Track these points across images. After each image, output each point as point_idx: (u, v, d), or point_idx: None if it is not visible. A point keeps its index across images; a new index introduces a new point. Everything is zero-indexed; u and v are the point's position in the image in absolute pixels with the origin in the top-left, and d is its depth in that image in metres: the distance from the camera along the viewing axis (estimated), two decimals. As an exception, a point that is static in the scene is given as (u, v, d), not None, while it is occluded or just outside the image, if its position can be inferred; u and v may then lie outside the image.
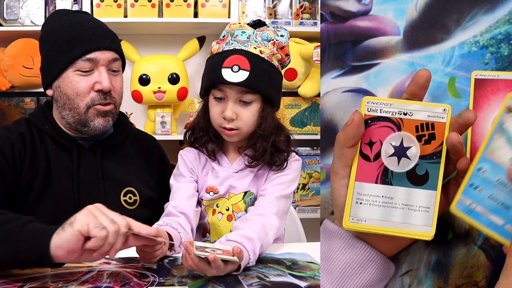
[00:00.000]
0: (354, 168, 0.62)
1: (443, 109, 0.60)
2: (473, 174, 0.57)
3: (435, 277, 0.69)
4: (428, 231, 0.59)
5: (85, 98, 1.27)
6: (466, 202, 0.57)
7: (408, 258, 0.69)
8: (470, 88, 0.67)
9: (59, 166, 1.30)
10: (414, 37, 0.69)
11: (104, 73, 1.27)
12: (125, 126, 1.44)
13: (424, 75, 0.60)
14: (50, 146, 1.31)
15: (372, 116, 0.61)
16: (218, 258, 0.95)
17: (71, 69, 1.26)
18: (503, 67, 0.67)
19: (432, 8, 0.68)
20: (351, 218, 0.61)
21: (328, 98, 0.71)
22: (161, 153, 1.49)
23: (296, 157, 1.33)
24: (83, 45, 1.26)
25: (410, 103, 0.60)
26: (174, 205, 1.24)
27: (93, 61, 1.26)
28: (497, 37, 0.67)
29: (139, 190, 1.35)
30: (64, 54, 1.26)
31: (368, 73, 0.70)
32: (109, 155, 1.36)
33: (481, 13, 0.67)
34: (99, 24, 1.34)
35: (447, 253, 0.69)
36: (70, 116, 1.29)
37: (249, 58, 1.21)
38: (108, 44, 1.29)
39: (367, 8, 0.70)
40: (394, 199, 0.60)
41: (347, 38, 0.70)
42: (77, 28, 1.28)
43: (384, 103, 0.61)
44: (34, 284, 0.95)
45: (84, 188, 1.29)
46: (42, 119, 1.34)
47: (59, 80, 1.28)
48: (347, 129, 0.61)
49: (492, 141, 0.57)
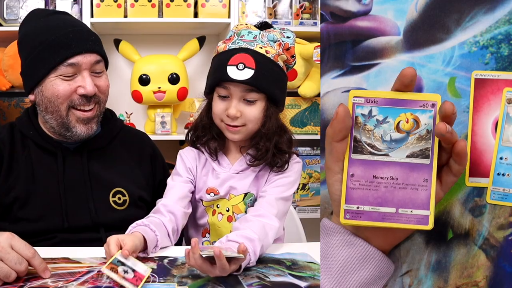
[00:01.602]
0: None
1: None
2: (496, 164, 0.62)
3: (435, 277, 0.69)
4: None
5: (65, 100, 1.25)
6: (499, 190, 0.63)
7: (408, 258, 0.69)
8: (470, 88, 0.67)
9: (44, 170, 1.29)
10: (414, 37, 0.69)
11: (88, 77, 1.25)
12: (113, 124, 1.41)
13: (409, 74, 0.61)
14: (34, 151, 1.29)
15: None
16: (223, 254, 0.95)
17: (52, 74, 1.23)
18: (503, 67, 0.67)
19: (432, 8, 0.68)
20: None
21: (328, 98, 0.71)
22: (153, 151, 1.47)
23: (297, 159, 1.33)
24: (63, 50, 1.22)
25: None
26: (164, 204, 1.24)
27: (75, 66, 1.23)
28: (497, 37, 0.67)
29: (128, 190, 1.34)
30: (45, 60, 1.23)
31: (368, 73, 0.70)
32: (96, 156, 1.34)
33: (481, 13, 0.67)
34: (79, 25, 1.31)
35: (447, 253, 0.69)
36: (53, 120, 1.27)
37: (255, 57, 1.21)
38: (90, 47, 1.26)
39: (367, 8, 0.70)
40: None
41: (347, 38, 0.70)
42: (56, 32, 1.24)
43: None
44: (34, 284, 0.95)
45: (70, 191, 1.29)
46: (26, 124, 1.32)
47: (41, 86, 1.25)
48: (334, 123, 0.61)
49: (504, 130, 0.62)
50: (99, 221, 1.29)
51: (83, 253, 1.14)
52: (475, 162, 0.67)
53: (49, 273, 0.96)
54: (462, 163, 0.60)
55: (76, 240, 1.26)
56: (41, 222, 1.25)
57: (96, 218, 1.29)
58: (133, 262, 0.98)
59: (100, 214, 1.30)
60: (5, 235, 0.95)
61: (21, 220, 1.25)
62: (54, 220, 1.26)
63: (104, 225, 1.30)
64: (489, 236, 0.67)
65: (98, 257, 1.12)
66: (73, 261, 1.09)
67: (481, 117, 0.67)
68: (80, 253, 1.14)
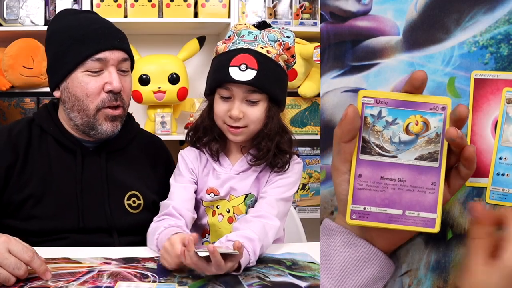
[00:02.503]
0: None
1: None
2: (496, 164, 0.62)
3: (435, 277, 0.69)
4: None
5: (95, 99, 1.24)
6: (499, 190, 0.62)
7: (407, 258, 0.69)
8: (470, 88, 0.67)
9: (62, 168, 1.28)
10: (414, 37, 0.69)
11: (114, 73, 1.25)
12: (131, 127, 1.41)
13: (420, 77, 0.61)
14: (53, 147, 1.28)
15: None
16: (217, 251, 0.95)
17: (80, 69, 1.23)
18: (503, 67, 0.67)
19: (432, 8, 0.68)
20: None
21: (328, 98, 0.71)
22: (167, 157, 1.47)
23: (297, 159, 1.32)
24: (92, 44, 1.23)
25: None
26: (175, 207, 1.22)
27: (102, 61, 1.24)
28: (496, 37, 0.67)
29: (143, 194, 1.34)
30: (73, 54, 1.24)
31: (368, 73, 0.70)
32: (114, 158, 1.34)
33: (481, 13, 0.67)
34: (108, 23, 1.32)
35: (446, 253, 0.69)
36: (78, 118, 1.26)
37: (257, 57, 1.20)
38: (118, 44, 1.27)
39: (366, 8, 0.70)
40: None
41: (347, 38, 0.70)
42: (85, 28, 1.25)
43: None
44: (34, 284, 0.95)
45: (87, 191, 1.28)
46: (47, 119, 1.31)
47: (68, 81, 1.25)
48: (342, 123, 0.61)
49: (503, 130, 0.62)
50: (114, 224, 1.28)
51: (83, 253, 1.14)
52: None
53: (49, 275, 0.95)
54: (470, 168, 0.60)
55: (87, 242, 1.24)
56: (55, 221, 1.24)
57: (111, 220, 1.28)
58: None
59: (114, 216, 1.29)
60: (2, 239, 0.93)
61: (33, 218, 1.23)
62: (68, 219, 1.24)
63: (117, 227, 1.29)
64: (489, 236, 0.67)
65: (98, 257, 1.12)
66: (73, 261, 1.09)
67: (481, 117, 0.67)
68: (80, 253, 1.14)
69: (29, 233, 1.20)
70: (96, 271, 1.03)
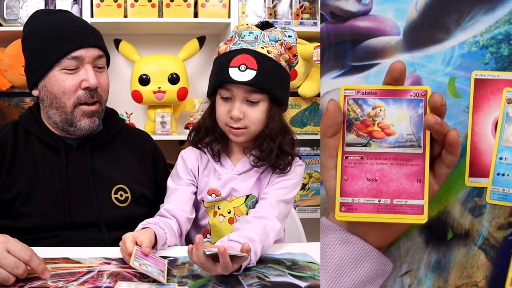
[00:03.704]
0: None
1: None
2: (496, 164, 0.62)
3: (435, 277, 0.69)
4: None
5: (72, 96, 1.27)
6: (499, 190, 0.63)
7: (408, 258, 0.69)
8: (470, 88, 0.67)
9: (47, 166, 1.30)
10: (414, 37, 0.69)
11: (90, 70, 1.28)
12: (115, 122, 1.43)
13: (398, 68, 0.62)
14: (37, 147, 1.31)
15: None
16: (227, 252, 0.95)
17: (56, 68, 1.26)
18: (503, 67, 0.67)
19: (432, 8, 0.68)
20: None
21: (328, 98, 0.71)
22: (155, 149, 1.48)
23: (299, 161, 1.32)
24: (67, 43, 1.26)
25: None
26: (167, 209, 1.25)
27: (78, 59, 1.26)
28: (497, 37, 0.67)
29: (130, 187, 1.35)
30: (49, 54, 1.26)
31: (368, 73, 0.70)
32: (99, 153, 1.36)
33: (481, 13, 0.67)
34: (82, 22, 1.35)
35: (447, 253, 0.69)
36: (57, 115, 1.29)
37: (257, 58, 1.20)
38: (93, 41, 1.29)
39: (367, 8, 0.70)
40: None
41: (347, 38, 0.70)
42: (60, 27, 1.28)
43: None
44: (34, 284, 0.95)
45: (73, 187, 1.29)
46: (30, 120, 1.34)
47: (45, 80, 1.28)
48: (324, 118, 0.62)
49: (504, 130, 0.62)
50: (102, 218, 1.30)
51: (83, 253, 1.14)
52: (475, 162, 0.67)
53: (48, 274, 0.96)
54: (455, 153, 0.61)
55: (77, 239, 1.26)
56: (44, 217, 1.26)
57: (100, 214, 1.30)
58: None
59: (102, 210, 1.31)
60: (0, 239, 0.94)
61: (23, 216, 1.26)
62: (56, 216, 1.27)
63: (106, 222, 1.30)
64: (489, 236, 0.67)
65: (98, 257, 1.12)
66: (73, 261, 1.09)
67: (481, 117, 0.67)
68: (80, 253, 1.14)
69: (20, 231, 1.21)
70: (96, 271, 1.03)
